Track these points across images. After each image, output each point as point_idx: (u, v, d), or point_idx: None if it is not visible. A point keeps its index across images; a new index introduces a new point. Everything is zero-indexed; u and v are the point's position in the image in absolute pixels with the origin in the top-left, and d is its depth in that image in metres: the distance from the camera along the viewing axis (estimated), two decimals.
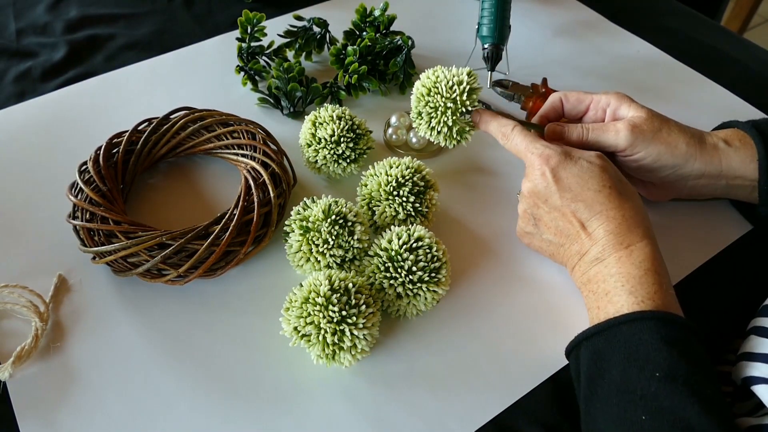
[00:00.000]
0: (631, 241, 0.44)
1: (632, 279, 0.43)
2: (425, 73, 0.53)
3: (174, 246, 0.47)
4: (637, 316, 0.41)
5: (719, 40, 0.80)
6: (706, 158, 0.50)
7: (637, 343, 0.39)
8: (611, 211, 0.45)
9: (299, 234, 0.48)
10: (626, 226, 0.45)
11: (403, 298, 0.47)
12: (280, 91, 0.67)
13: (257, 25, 0.70)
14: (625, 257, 0.44)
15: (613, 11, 0.83)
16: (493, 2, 0.65)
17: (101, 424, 0.44)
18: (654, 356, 0.38)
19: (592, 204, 0.46)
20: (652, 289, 0.42)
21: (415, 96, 0.53)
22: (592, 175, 0.46)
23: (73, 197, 0.52)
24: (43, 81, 0.72)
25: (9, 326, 0.49)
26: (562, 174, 0.47)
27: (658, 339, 0.39)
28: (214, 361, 0.47)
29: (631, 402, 0.37)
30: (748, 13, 1.62)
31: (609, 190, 0.46)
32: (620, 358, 0.40)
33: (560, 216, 0.47)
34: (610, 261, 0.44)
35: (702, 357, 0.39)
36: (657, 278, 0.43)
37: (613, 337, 0.41)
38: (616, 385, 0.39)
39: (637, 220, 0.45)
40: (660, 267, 0.44)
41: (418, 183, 0.52)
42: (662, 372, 0.37)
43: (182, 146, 0.60)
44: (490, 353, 0.48)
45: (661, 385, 0.37)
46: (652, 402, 0.37)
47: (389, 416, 0.44)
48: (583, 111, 0.55)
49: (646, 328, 0.40)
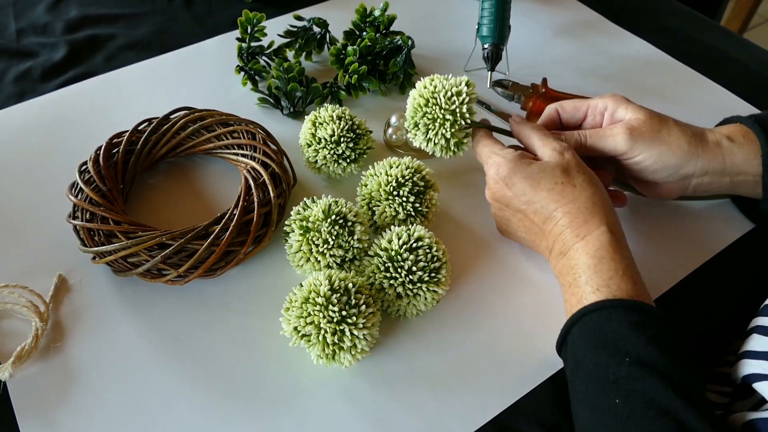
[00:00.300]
0: (587, 231, 0.45)
1: (588, 269, 0.43)
2: (422, 82, 0.53)
3: (174, 246, 0.47)
4: (605, 305, 0.41)
5: (719, 40, 0.80)
6: (709, 156, 0.50)
7: (606, 331, 0.40)
8: (566, 206, 0.46)
9: (299, 234, 0.48)
10: (582, 218, 0.45)
11: (403, 298, 0.47)
12: (280, 91, 0.67)
13: (257, 25, 0.70)
14: (582, 248, 0.44)
15: (613, 11, 0.83)
16: (493, 2, 0.65)
17: (101, 424, 0.44)
18: (623, 342, 0.39)
19: (547, 203, 0.47)
20: (606, 276, 0.42)
21: (412, 106, 0.53)
22: (544, 175, 0.47)
23: (73, 197, 0.52)
24: (43, 81, 0.72)
25: (9, 326, 0.49)
26: (515, 179, 0.48)
27: (627, 325, 0.39)
28: (214, 361, 0.47)
29: (604, 388, 0.38)
30: (748, 13, 1.62)
31: (562, 186, 0.46)
32: (591, 347, 0.40)
33: (523, 217, 0.49)
34: (570, 254, 0.45)
35: (672, 342, 0.39)
36: (612, 265, 0.43)
37: (584, 326, 0.42)
38: (590, 374, 0.39)
39: (594, 210, 0.45)
40: (617, 253, 0.43)
41: (418, 183, 0.52)
42: (632, 357, 0.38)
43: (182, 146, 0.60)
44: (490, 353, 0.48)
45: (631, 369, 0.37)
46: (624, 385, 0.37)
47: (389, 416, 0.44)
48: (581, 118, 0.55)
49: (615, 315, 0.40)
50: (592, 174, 0.48)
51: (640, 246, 0.55)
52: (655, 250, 0.55)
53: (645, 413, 0.35)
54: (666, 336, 0.39)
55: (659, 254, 0.55)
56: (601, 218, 0.45)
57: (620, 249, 0.44)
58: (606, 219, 0.45)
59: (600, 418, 0.37)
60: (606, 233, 0.44)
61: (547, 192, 0.47)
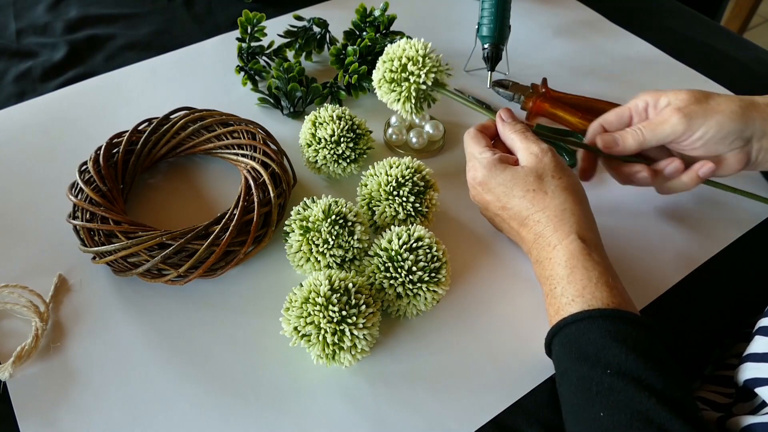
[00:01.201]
0: (558, 240, 0.45)
1: (562, 280, 0.43)
2: (391, 48, 0.55)
3: (174, 246, 0.47)
4: (583, 316, 0.41)
5: (719, 40, 0.80)
6: (764, 116, 0.49)
7: (585, 343, 0.40)
8: (536, 215, 0.46)
9: (299, 234, 0.48)
10: (552, 226, 0.45)
11: (403, 298, 0.47)
12: (280, 91, 0.67)
13: (257, 25, 0.70)
14: (554, 258, 0.45)
15: (613, 11, 0.83)
16: (493, 2, 0.65)
17: (101, 424, 0.44)
18: (603, 354, 0.38)
19: (519, 211, 0.47)
20: (580, 286, 0.42)
21: (382, 69, 0.55)
22: (516, 182, 0.47)
23: (74, 197, 0.52)
24: (43, 81, 0.72)
25: (9, 326, 0.49)
26: (490, 185, 0.49)
27: (606, 335, 0.39)
28: (214, 361, 0.47)
29: (588, 400, 0.38)
30: (748, 13, 1.62)
31: (533, 194, 0.46)
32: (572, 359, 0.40)
33: (502, 221, 0.50)
34: (544, 263, 0.46)
35: (652, 348, 0.39)
36: (585, 273, 0.43)
37: (564, 338, 0.41)
38: (574, 386, 0.39)
39: (564, 217, 0.45)
40: (588, 261, 0.43)
41: (418, 183, 0.52)
42: (612, 369, 0.38)
43: (182, 146, 0.60)
44: (490, 353, 0.48)
45: (613, 381, 0.37)
46: (608, 398, 0.37)
47: (389, 416, 0.44)
48: (627, 123, 0.54)
49: (593, 326, 0.40)
50: (570, 178, 0.47)
51: (642, 246, 0.55)
52: (657, 250, 0.55)
53: (631, 424, 0.35)
54: (645, 343, 0.39)
55: (661, 254, 0.55)
56: (571, 226, 0.45)
57: (592, 256, 0.44)
58: (577, 225, 0.45)
59: (587, 430, 0.37)
60: (575, 241, 0.44)
61: (519, 199, 0.47)
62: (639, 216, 0.58)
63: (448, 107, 0.68)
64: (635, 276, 0.53)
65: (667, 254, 0.55)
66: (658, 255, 0.55)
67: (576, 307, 0.42)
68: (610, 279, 0.43)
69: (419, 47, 0.54)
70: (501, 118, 0.52)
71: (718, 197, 0.59)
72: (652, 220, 0.58)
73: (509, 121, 0.52)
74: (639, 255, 0.55)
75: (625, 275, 0.46)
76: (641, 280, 0.52)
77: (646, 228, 0.57)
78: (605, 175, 0.61)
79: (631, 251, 0.55)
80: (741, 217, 0.58)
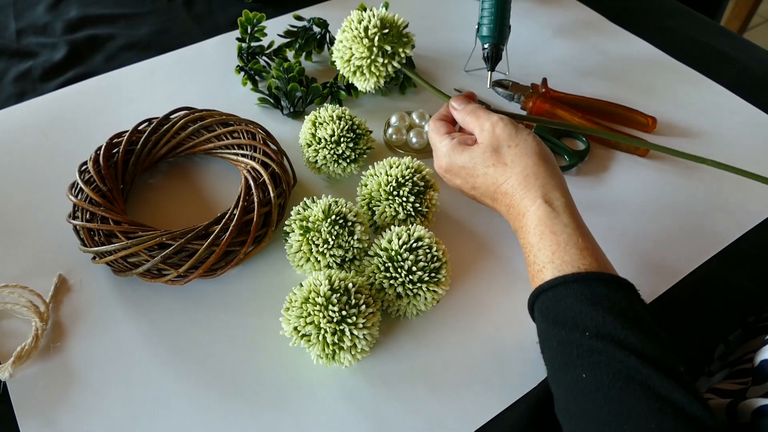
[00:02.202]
0: (525, 208, 0.45)
1: (533, 247, 0.44)
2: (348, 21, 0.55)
3: (174, 246, 0.47)
4: (558, 281, 0.41)
5: (719, 40, 0.80)
6: None
7: (562, 308, 0.40)
8: (502, 186, 0.47)
9: (299, 234, 0.48)
10: (518, 195, 0.46)
11: (403, 298, 0.47)
12: (280, 91, 0.67)
13: (257, 25, 0.70)
14: (524, 226, 0.45)
15: (613, 11, 0.83)
16: (493, 2, 0.65)
17: (101, 424, 0.44)
18: (580, 318, 0.39)
19: (486, 187, 0.48)
20: (549, 252, 0.42)
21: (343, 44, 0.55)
22: (475, 162, 0.48)
23: (74, 197, 0.52)
24: (43, 81, 0.72)
25: (9, 326, 0.49)
26: (455, 169, 0.50)
27: (581, 300, 0.39)
28: (214, 361, 0.47)
29: (569, 363, 0.38)
30: (748, 13, 1.62)
31: (494, 168, 0.47)
32: (551, 325, 0.40)
33: (480, 200, 0.51)
34: (519, 233, 0.46)
35: (627, 306, 0.39)
36: (553, 239, 0.43)
37: (542, 305, 0.42)
38: (554, 351, 0.40)
39: (527, 184, 0.45)
40: (556, 225, 0.43)
41: (418, 183, 0.52)
42: (591, 331, 0.38)
43: (182, 146, 0.60)
44: (490, 353, 0.48)
45: (592, 343, 0.37)
46: (588, 359, 0.37)
47: (389, 416, 0.44)
48: None
49: (568, 291, 0.40)
50: (528, 141, 0.47)
51: (642, 245, 0.55)
52: (657, 250, 0.55)
53: (612, 384, 0.35)
54: (621, 302, 0.39)
55: (662, 253, 0.55)
56: (536, 190, 0.45)
57: (560, 219, 0.43)
58: (542, 189, 0.45)
59: (571, 393, 0.38)
60: (542, 206, 0.44)
61: (483, 177, 0.48)
62: (639, 215, 0.58)
63: None
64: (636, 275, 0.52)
65: (668, 253, 0.55)
66: (660, 253, 0.55)
67: (548, 274, 0.42)
68: (579, 239, 0.43)
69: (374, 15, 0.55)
70: (453, 107, 0.53)
71: (719, 195, 0.60)
72: (653, 219, 0.57)
73: (460, 107, 0.52)
74: (639, 254, 0.55)
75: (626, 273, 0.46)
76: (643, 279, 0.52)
77: (647, 227, 0.57)
78: (605, 175, 0.62)
79: (632, 251, 0.55)
80: (741, 217, 0.58)
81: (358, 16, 0.55)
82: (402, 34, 0.56)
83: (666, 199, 0.59)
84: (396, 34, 0.56)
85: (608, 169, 0.62)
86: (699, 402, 0.34)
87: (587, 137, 0.64)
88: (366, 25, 0.54)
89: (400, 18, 0.56)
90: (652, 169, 0.62)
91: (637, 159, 0.63)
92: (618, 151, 0.64)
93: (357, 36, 0.54)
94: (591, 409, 0.36)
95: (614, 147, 0.64)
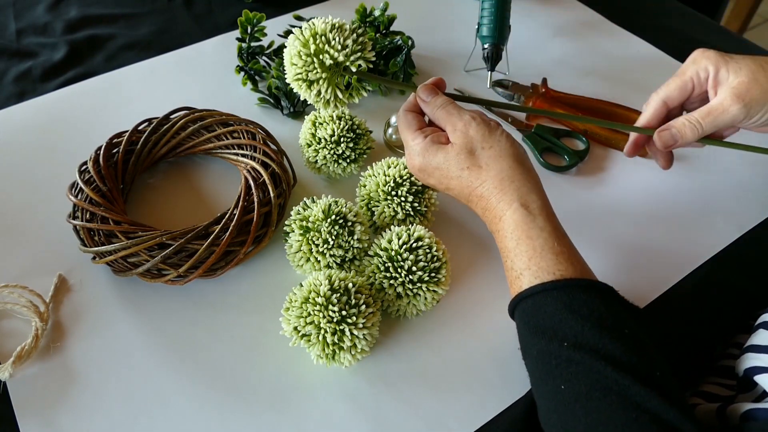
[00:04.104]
0: (502, 212, 0.44)
1: (510, 253, 0.43)
2: (295, 34, 0.47)
3: (174, 246, 0.47)
4: (536, 289, 0.41)
5: (719, 40, 0.80)
6: None
7: (543, 317, 0.40)
8: (477, 190, 0.46)
9: (299, 234, 0.48)
10: (494, 199, 0.45)
11: (403, 298, 0.47)
12: (280, 91, 0.67)
13: (257, 25, 0.70)
14: (502, 231, 0.44)
15: (613, 11, 0.83)
16: (493, 2, 0.65)
17: (101, 424, 0.44)
18: (559, 327, 0.38)
19: (461, 190, 0.47)
20: (526, 258, 0.42)
21: (292, 60, 0.47)
22: (449, 163, 0.46)
23: (74, 197, 0.52)
24: (43, 81, 0.72)
25: (9, 326, 0.49)
26: (429, 169, 0.48)
27: (560, 308, 0.39)
28: (214, 361, 0.47)
29: (548, 373, 0.38)
30: (748, 13, 1.62)
31: (468, 171, 0.46)
32: (531, 334, 0.40)
33: (456, 198, 0.49)
34: (496, 236, 0.46)
35: (605, 313, 0.39)
36: (530, 244, 0.42)
37: (521, 313, 0.42)
38: (534, 361, 0.39)
39: (503, 187, 0.44)
40: (532, 230, 0.43)
41: (416, 183, 0.52)
42: (569, 341, 0.38)
43: (182, 146, 0.60)
44: (490, 353, 0.48)
45: (570, 353, 0.37)
46: (566, 369, 0.37)
47: (389, 416, 0.44)
48: (689, 94, 0.52)
49: (547, 299, 0.40)
50: (501, 144, 0.46)
51: (643, 245, 0.55)
52: (658, 249, 0.55)
53: (590, 394, 0.35)
54: (600, 309, 0.39)
55: (662, 252, 0.55)
56: (512, 193, 0.44)
57: (536, 222, 0.43)
58: (517, 192, 0.44)
59: (550, 404, 0.38)
60: (518, 210, 0.43)
61: (457, 180, 0.47)
62: (639, 215, 0.58)
63: None
64: (636, 275, 0.53)
65: (668, 253, 0.55)
66: (660, 253, 0.55)
67: (525, 281, 0.42)
68: (555, 244, 0.42)
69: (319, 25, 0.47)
70: (421, 99, 0.50)
71: (719, 196, 0.59)
72: (652, 219, 0.57)
73: (429, 99, 0.49)
74: (640, 254, 0.55)
75: (626, 273, 0.46)
76: (643, 279, 0.52)
77: (646, 228, 0.57)
78: (605, 175, 0.62)
79: (631, 251, 0.55)
80: (741, 218, 0.58)
81: None
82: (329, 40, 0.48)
83: (665, 200, 0.59)
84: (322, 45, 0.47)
85: (608, 169, 0.62)
86: (675, 407, 0.34)
87: (587, 137, 0.64)
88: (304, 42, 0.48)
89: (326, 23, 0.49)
90: (651, 170, 0.62)
91: (636, 159, 0.63)
92: (618, 151, 0.64)
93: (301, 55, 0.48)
94: (570, 419, 0.36)
95: (614, 147, 0.64)
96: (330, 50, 0.47)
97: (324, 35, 0.47)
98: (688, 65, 0.51)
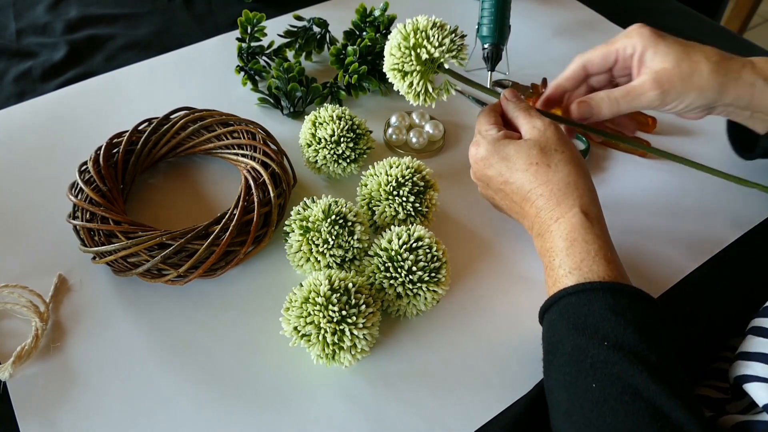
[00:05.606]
0: (560, 214, 0.45)
1: (561, 252, 0.44)
2: (398, 29, 0.49)
3: (174, 246, 0.47)
4: (585, 287, 0.41)
5: (719, 40, 0.80)
6: (739, 93, 0.49)
7: (586, 314, 0.40)
8: (539, 188, 0.46)
9: (299, 234, 0.48)
10: (555, 200, 0.45)
11: (403, 298, 0.47)
12: (280, 91, 0.67)
13: (257, 25, 0.70)
14: (555, 230, 0.45)
15: (613, 11, 0.83)
16: (493, 2, 0.65)
17: (101, 424, 0.44)
18: (602, 326, 0.39)
19: (522, 185, 0.47)
20: (578, 258, 0.43)
21: (393, 53, 0.49)
22: (519, 155, 0.47)
23: (74, 197, 0.52)
24: (43, 81, 0.72)
25: (9, 326, 0.49)
26: (492, 160, 0.48)
27: (606, 308, 0.39)
28: (214, 361, 0.47)
29: (581, 371, 0.38)
30: (748, 13, 1.62)
31: (536, 167, 0.46)
32: (569, 329, 0.40)
33: (504, 196, 0.50)
34: (546, 236, 0.46)
35: (648, 321, 0.39)
36: (585, 247, 0.43)
37: (563, 309, 0.42)
38: (568, 356, 0.39)
39: (567, 191, 0.45)
40: (589, 234, 0.43)
41: (418, 183, 0.52)
42: (610, 341, 0.38)
43: (182, 146, 0.60)
44: (490, 353, 0.48)
45: (609, 354, 0.37)
46: (602, 370, 0.37)
47: (389, 416, 0.44)
48: (610, 65, 0.53)
49: (594, 298, 0.40)
50: (573, 151, 0.47)
51: (643, 244, 0.55)
52: (658, 249, 0.55)
53: (620, 398, 0.36)
54: (643, 316, 0.40)
55: (662, 252, 0.55)
56: (574, 199, 0.45)
57: (593, 230, 0.44)
58: (580, 200, 0.45)
59: (577, 401, 0.38)
60: (578, 215, 0.44)
61: (522, 173, 0.47)
62: (638, 216, 0.58)
63: (448, 107, 0.68)
64: (637, 275, 0.53)
65: (668, 253, 0.55)
66: (660, 254, 0.55)
67: (572, 279, 0.42)
68: (608, 253, 0.43)
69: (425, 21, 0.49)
70: (505, 97, 0.53)
71: (719, 196, 0.60)
72: (652, 220, 0.57)
73: (513, 100, 0.52)
74: (640, 253, 0.55)
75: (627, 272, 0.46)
76: (643, 278, 0.52)
77: (646, 228, 0.57)
78: (605, 175, 0.62)
79: (632, 250, 0.55)
80: (741, 218, 0.58)
81: None
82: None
83: (665, 200, 0.59)
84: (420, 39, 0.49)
85: (607, 169, 0.62)
86: (697, 419, 0.35)
87: (587, 137, 0.64)
88: None
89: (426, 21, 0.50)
90: (651, 170, 0.62)
91: (636, 159, 0.63)
92: (617, 151, 0.64)
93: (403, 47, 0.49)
94: (594, 418, 0.36)
95: (613, 147, 0.64)
96: (427, 45, 0.48)
97: (425, 31, 0.49)
98: (620, 37, 0.52)
